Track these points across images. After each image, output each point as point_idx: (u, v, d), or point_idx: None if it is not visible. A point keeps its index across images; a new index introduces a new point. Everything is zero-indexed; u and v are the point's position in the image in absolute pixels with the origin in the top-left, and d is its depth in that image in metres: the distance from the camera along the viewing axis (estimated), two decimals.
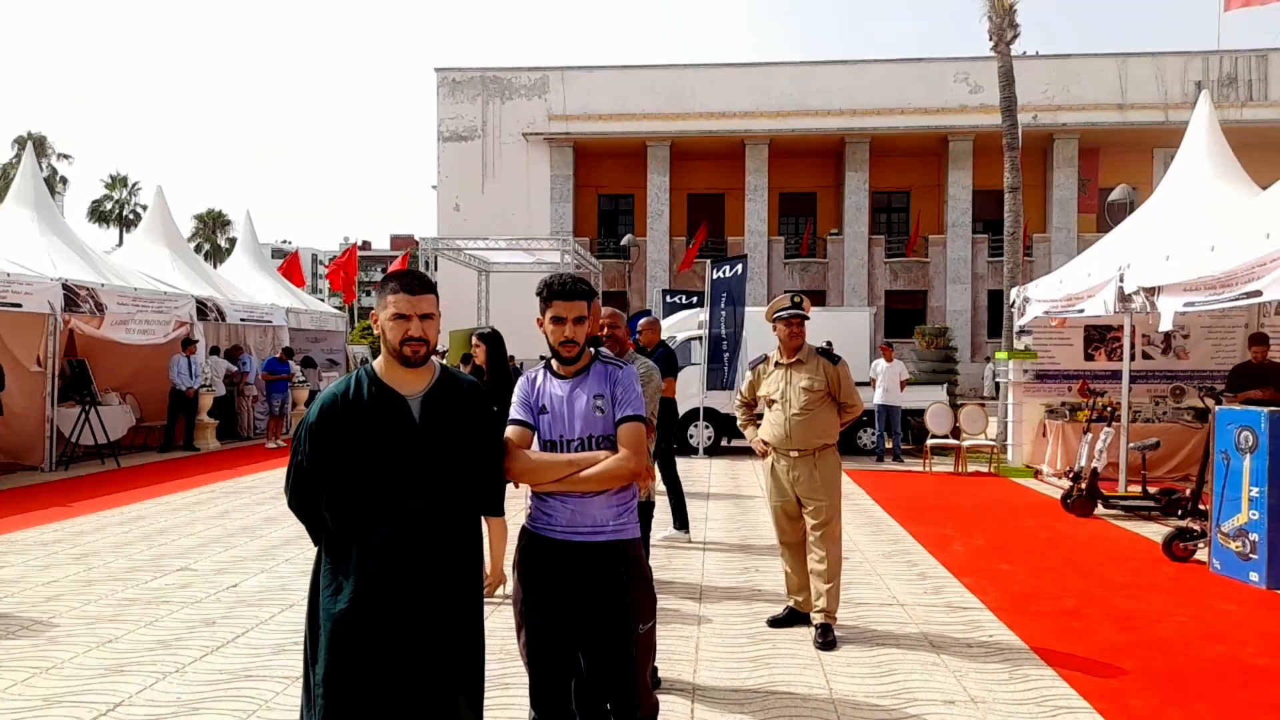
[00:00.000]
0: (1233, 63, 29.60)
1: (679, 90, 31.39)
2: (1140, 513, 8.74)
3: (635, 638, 2.84)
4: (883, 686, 4.24)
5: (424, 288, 2.54)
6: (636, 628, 2.86)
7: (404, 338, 2.49)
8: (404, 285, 2.52)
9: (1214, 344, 11.62)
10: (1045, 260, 29.10)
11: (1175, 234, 8.80)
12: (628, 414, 2.80)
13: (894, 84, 30.61)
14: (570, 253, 19.05)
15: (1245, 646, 4.87)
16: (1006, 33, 14.66)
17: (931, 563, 6.88)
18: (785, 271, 32.23)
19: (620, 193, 34.08)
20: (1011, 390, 12.30)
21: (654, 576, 3.51)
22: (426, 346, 2.51)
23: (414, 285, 2.53)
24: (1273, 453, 6.11)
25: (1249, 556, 6.20)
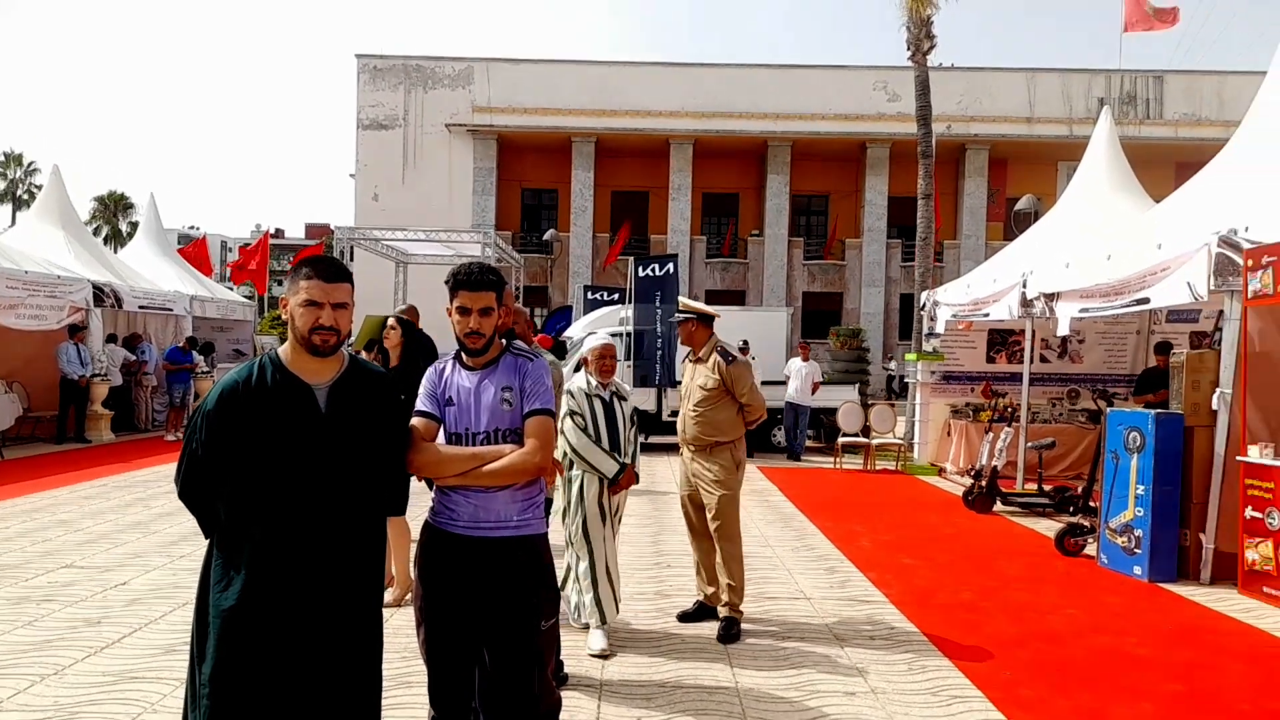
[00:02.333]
0: (1132, 82, 31.12)
1: (606, 86, 31.35)
2: (1036, 509, 9.11)
3: (537, 635, 2.80)
4: (787, 679, 4.30)
5: (340, 276, 2.46)
6: (539, 625, 2.82)
7: (314, 326, 2.40)
8: (319, 271, 2.43)
9: (1107, 349, 12.20)
10: (955, 266, 30.06)
11: (1075, 243, 9.20)
12: (536, 407, 2.75)
13: (816, 90, 31.20)
14: (491, 246, 18.80)
15: (1128, 637, 5.12)
16: (924, 44, 15.08)
17: (839, 557, 7.03)
18: (707, 271, 32.52)
19: (544, 187, 33.85)
20: (919, 391, 12.67)
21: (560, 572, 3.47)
22: (337, 336, 2.42)
23: (329, 272, 2.44)
24: (1158, 452, 6.44)
25: (1134, 551, 6.52)
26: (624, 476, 4.64)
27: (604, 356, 4.76)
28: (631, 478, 4.71)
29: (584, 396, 4.68)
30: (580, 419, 4.63)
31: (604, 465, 4.60)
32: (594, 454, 4.59)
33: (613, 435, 4.67)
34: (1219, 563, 6.32)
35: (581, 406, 4.66)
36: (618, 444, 4.68)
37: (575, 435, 4.61)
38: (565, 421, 4.61)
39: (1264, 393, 6.15)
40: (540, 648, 2.84)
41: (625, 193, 33.31)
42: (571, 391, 4.69)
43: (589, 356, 4.75)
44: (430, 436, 2.76)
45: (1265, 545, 5.85)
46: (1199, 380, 6.55)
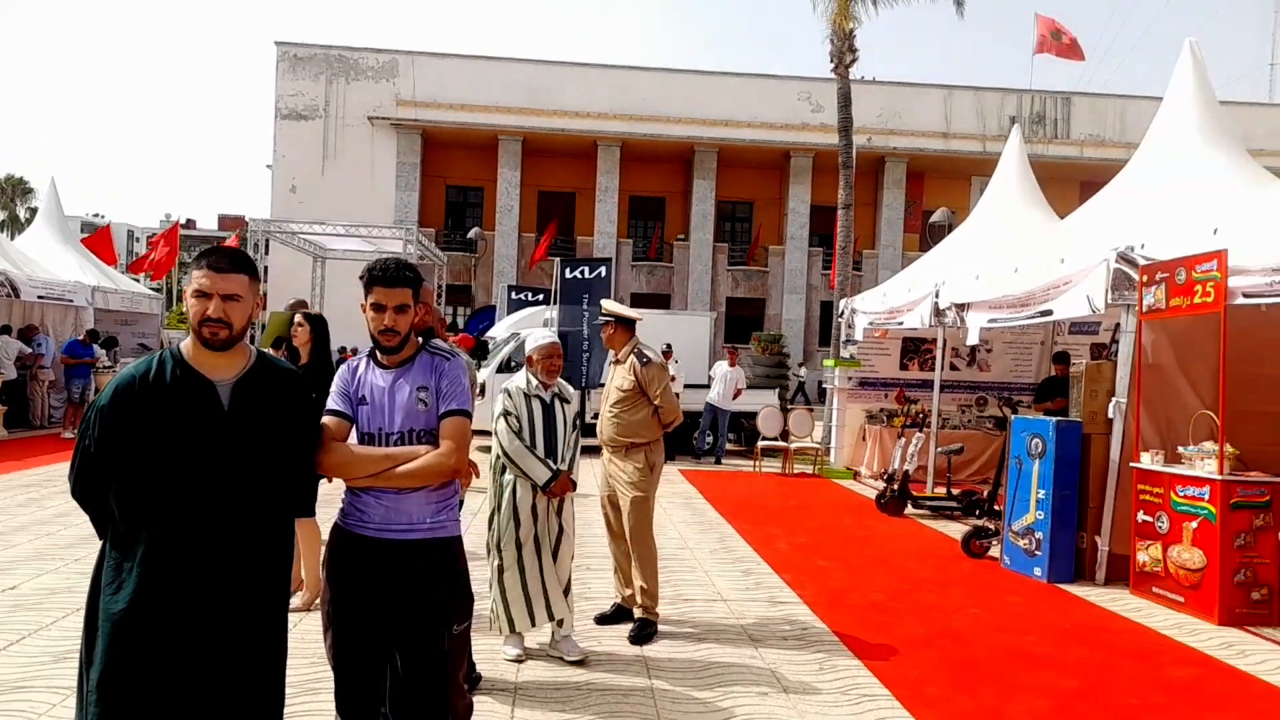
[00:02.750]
0: (1042, 102, 32.48)
1: (534, 85, 31.18)
2: (945, 512, 9.41)
3: (449, 639, 2.76)
4: (702, 679, 4.34)
5: (234, 266, 2.36)
6: (450, 629, 2.77)
7: (202, 317, 2.32)
8: (210, 261, 2.34)
9: (1013, 358, 12.69)
10: (874, 275, 30.86)
11: (984, 256, 9.55)
12: (452, 408, 2.71)
13: (743, 98, 31.65)
14: (413, 243, 18.49)
15: (1027, 636, 5.33)
16: (846, 57, 15.44)
17: (756, 559, 7.13)
18: (633, 274, 32.63)
19: (469, 185, 33.48)
20: (836, 396, 12.96)
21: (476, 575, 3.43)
22: (228, 330, 2.34)
23: (221, 262, 2.35)
24: (1058, 459, 6.72)
25: (1034, 553, 6.80)
26: (558, 483, 4.42)
27: (551, 356, 4.55)
28: (566, 484, 4.48)
29: (522, 397, 4.50)
30: (515, 420, 4.45)
31: (534, 470, 4.39)
32: (525, 458, 4.39)
33: (550, 439, 4.48)
34: (1113, 564, 6.63)
35: (518, 407, 4.48)
36: (554, 449, 4.48)
37: (507, 437, 4.42)
38: (499, 422, 4.46)
39: (1155, 402, 6.49)
40: (453, 652, 2.81)
41: (552, 193, 33.19)
42: (509, 391, 4.51)
43: (534, 355, 4.56)
44: (342, 436, 2.69)
45: (1155, 547, 6.16)
46: (1096, 390, 6.87)
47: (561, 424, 4.55)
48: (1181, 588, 5.93)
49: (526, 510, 4.47)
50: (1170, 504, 6.04)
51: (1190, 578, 5.86)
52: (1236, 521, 5.72)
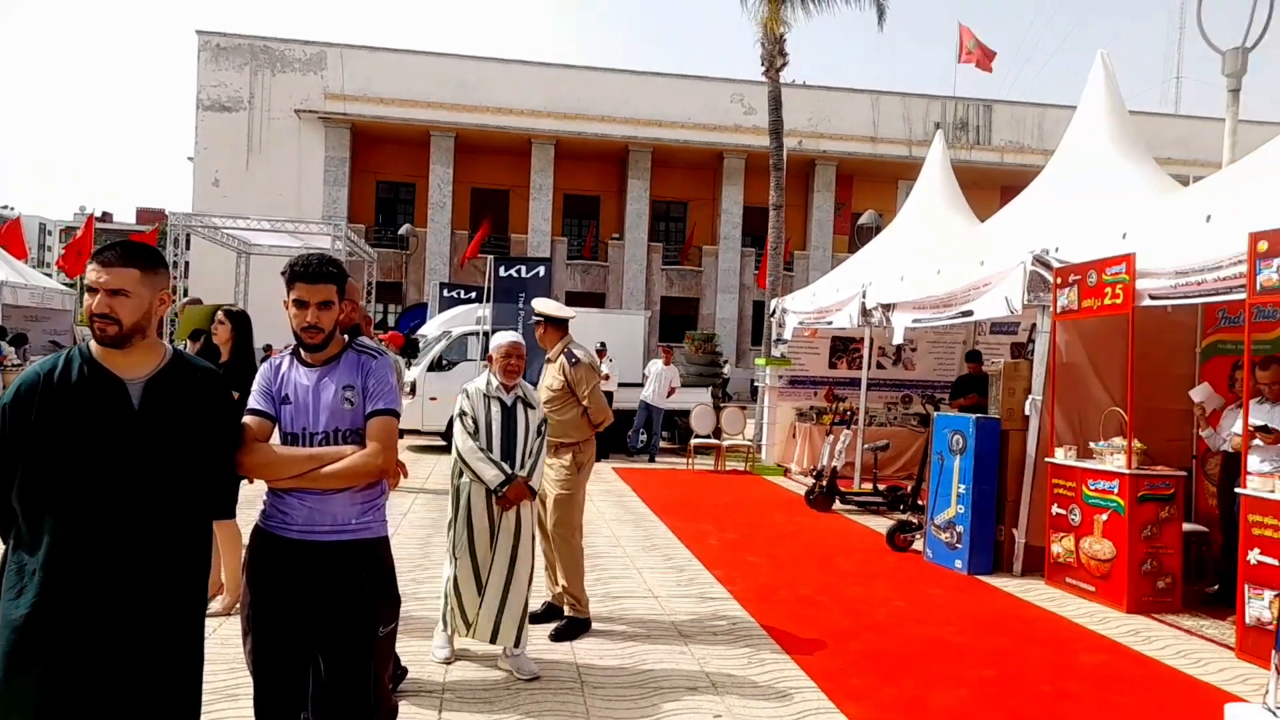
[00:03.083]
0: (965, 109, 33.46)
1: (467, 81, 30.85)
2: (871, 508, 9.63)
3: (374, 641, 2.72)
4: (631, 676, 4.37)
5: (123, 260, 2.26)
6: (376, 631, 2.72)
7: (91, 313, 2.25)
8: (100, 255, 2.27)
9: (936, 357, 13.05)
10: (805, 275, 31.38)
11: (909, 258, 9.79)
12: (379, 407, 2.67)
13: (677, 98, 31.84)
14: (342, 239, 18.11)
15: (948, 627, 5.49)
16: (777, 60, 15.66)
17: (688, 556, 7.19)
18: (568, 272, 32.54)
19: (401, 181, 32.96)
20: (767, 394, 13.15)
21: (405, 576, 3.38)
22: (116, 326, 2.24)
23: (109, 256, 2.27)
24: (978, 454, 6.94)
25: (955, 546, 7.00)
26: (511, 489, 4.21)
27: (510, 355, 4.39)
28: (522, 492, 4.26)
29: (480, 397, 4.36)
30: (471, 421, 4.31)
31: (485, 474, 4.22)
32: (476, 461, 4.23)
33: (507, 443, 4.31)
34: (1029, 556, 6.88)
35: (475, 408, 4.33)
36: (512, 454, 4.30)
37: (461, 438, 4.28)
38: (455, 423, 4.36)
39: (1069, 399, 6.75)
40: (378, 655, 2.77)
41: (485, 190, 32.89)
42: (468, 391, 4.40)
43: (493, 354, 4.43)
44: (263, 436, 2.63)
45: (1068, 539, 6.41)
46: (1014, 388, 7.11)
47: (523, 429, 4.38)
48: (1093, 578, 6.18)
49: (481, 515, 4.31)
50: (1082, 497, 6.29)
51: (1101, 568, 6.12)
52: (1143, 514, 5.99)
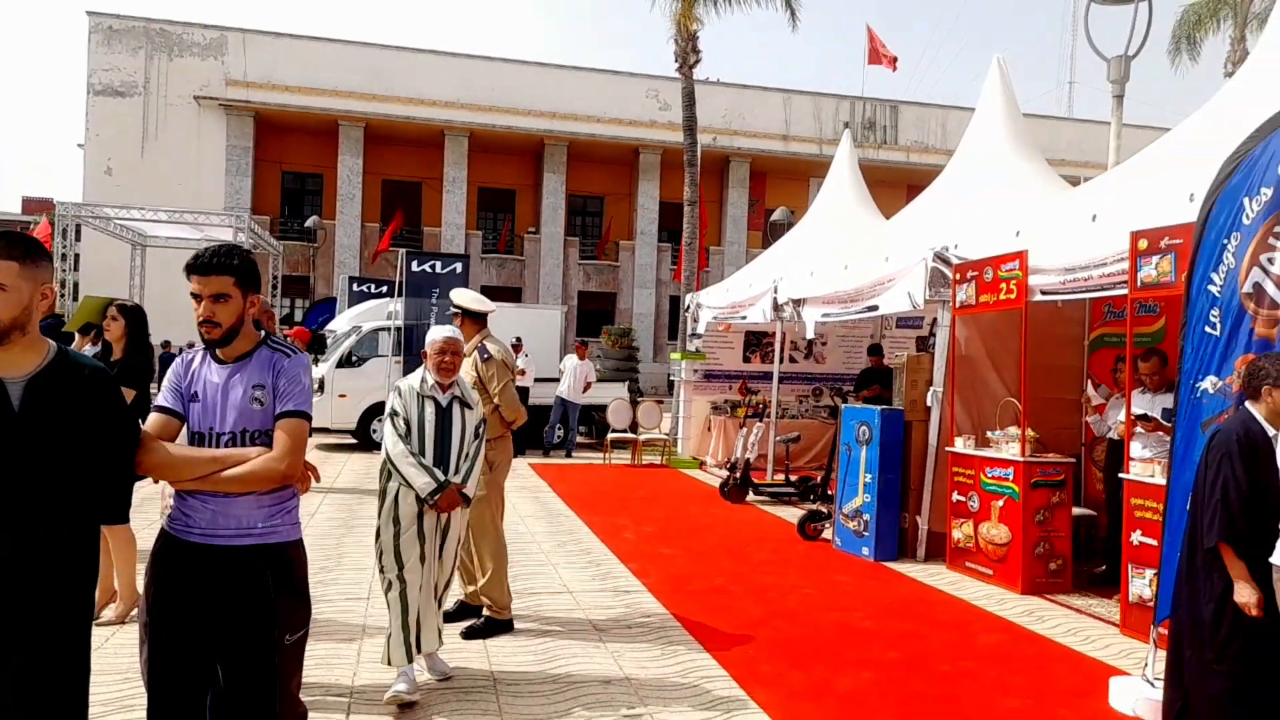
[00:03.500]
0: (873, 109, 34.39)
1: (378, 70, 30.14)
2: (783, 498, 9.83)
3: (280, 649, 2.61)
4: (545, 672, 4.36)
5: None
6: (281, 639, 2.61)
7: None
8: None
9: (846, 351, 13.40)
10: (720, 271, 31.77)
11: (819, 254, 10.03)
12: (288, 408, 2.57)
13: (593, 92, 31.80)
14: (245, 230, 17.47)
15: (855, 612, 5.65)
16: (690, 57, 15.80)
17: (603, 550, 7.21)
18: (483, 266, 32.15)
19: (308, 171, 32.00)
20: (682, 388, 13.28)
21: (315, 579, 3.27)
22: None
23: None
24: (883, 444, 7.17)
25: (862, 534, 7.22)
26: (444, 497, 3.96)
27: (444, 352, 4.11)
28: (455, 499, 4.02)
29: (413, 397, 4.09)
30: (402, 422, 4.05)
31: (415, 479, 3.96)
32: (406, 465, 3.97)
33: (442, 446, 4.06)
34: (932, 542, 7.14)
35: (407, 408, 4.07)
36: (446, 457, 4.06)
37: (391, 440, 4.02)
38: (385, 423, 4.11)
39: (967, 391, 7.03)
40: (285, 662, 2.67)
41: (397, 182, 32.22)
42: (400, 389, 4.14)
43: (427, 351, 4.16)
44: (170, 435, 2.54)
45: (967, 525, 6.68)
46: (917, 380, 7.36)
47: (458, 430, 4.13)
48: (990, 561, 6.46)
49: (409, 522, 4.03)
50: (980, 484, 6.56)
51: (998, 551, 6.40)
52: (1036, 499, 6.28)
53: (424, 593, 4.06)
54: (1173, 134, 6.14)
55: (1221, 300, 4.12)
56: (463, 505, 4.10)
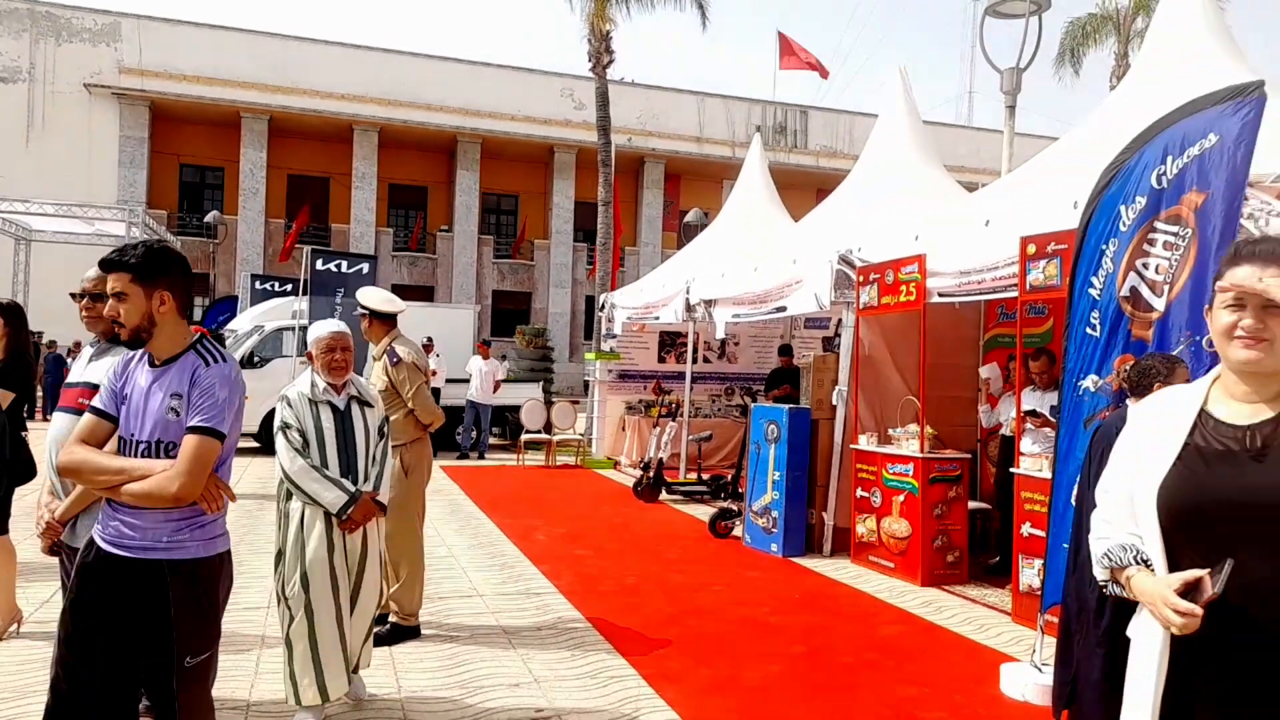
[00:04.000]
0: (784, 114, 35.05)
1: (282, 61, 29.20)
2: (696, 497, 9.95)
3: (180, 672, 2.46)
4: (452, 677, 4.31)
5: None
6: (183, 661, 2.47)
7: None
8: None
9: (757, 351, 13.63)
10: (635, 271, 31.89)
11: (730, 255, 10.18)
12: (194, 424, 2.43)
13: (506, 90, 31.50)
14: (139, 225, 16.68)
15: (763, 608, 5.76)
16: (604, 58, 15.82)
17: (515, 553, 7.16)
18: (394, 265, 31.50)
19: (208, 165, 30.77)
20: (597, 389, 13.29)
21: None
22: None
23: None
24: (790, 442, 7.32)
25: (771, 530, 7.36)
26: (357, 509, 3.62)
27: (333, 349, 3.75)
28: (370, 510, 3.69)
29: (305, 404, 3.71)
30: (296, 434, 3.66)
31: (323, 495, 3.58)
32: (309, 480, 3.58)
33: (347, 454, 3.70)
34: (838, 537, 7.33)
35: (300, 417, 3.68)
36: (353, 465, 3.70)
37: (288, 456, 3.63)
38: (278, 438, 3.70)
39: (871, 389, 7.24)
40: (187, 685, 2.52)
41: (303, 177, 31.27)
42: (289, 399, 3.73)
43: (312, 350, 3.79)
44: (99, 438, 2.47)
45: (871, 520, 6.88)
46: (823, 379, 7.55)
47: (362, 433, 3.78)
48: (892, 555, 6.67)
49: (318, 545, 3.63)
50: (882, 480, 6.77)
51: (899, 545, 6.61)
52: (935, 494, 6.52)
53: (343, 621, 3.68)
54: (1060, 144, 6.46)
55: (1101, 303, 4.35)
56: (379, 514, 3.79)
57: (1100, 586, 1.91)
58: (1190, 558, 1.69)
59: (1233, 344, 1.70)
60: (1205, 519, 1.70)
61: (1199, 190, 4.02)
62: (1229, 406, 1.76)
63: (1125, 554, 1.78)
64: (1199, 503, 1.70)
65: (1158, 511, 1.74)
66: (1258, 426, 1.70)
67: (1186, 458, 1.74)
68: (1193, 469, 1.73)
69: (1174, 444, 1.76)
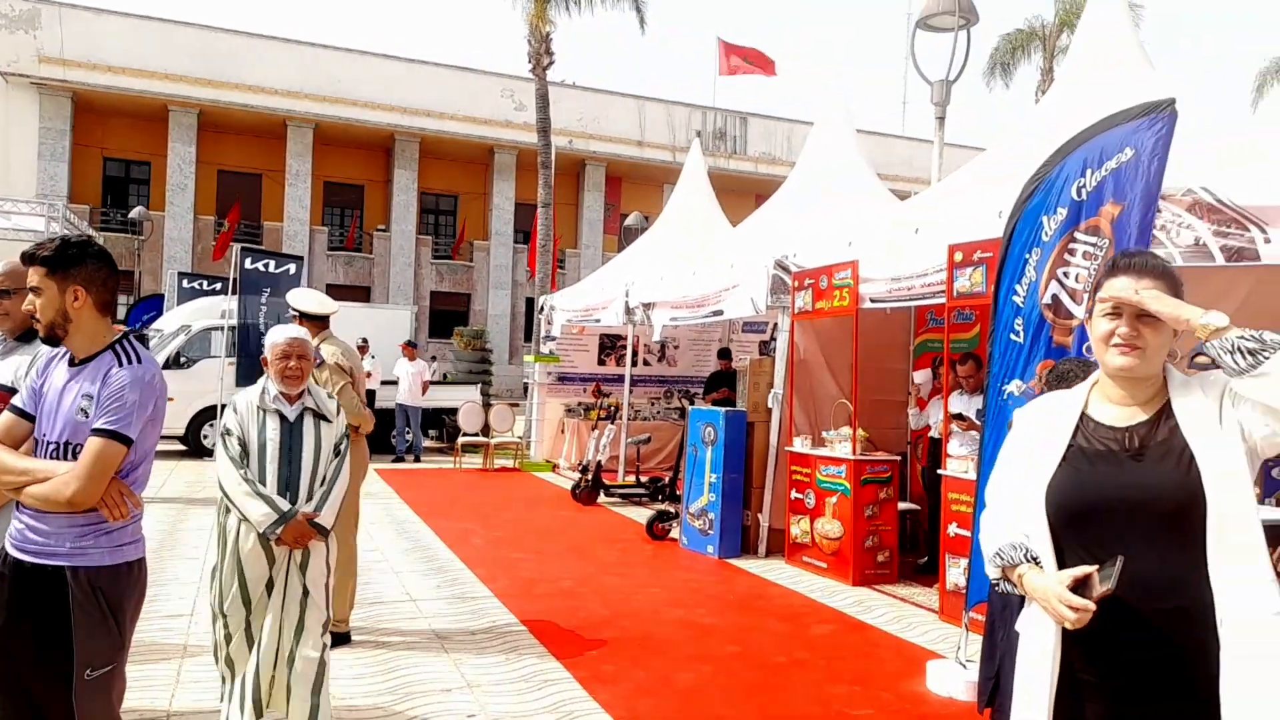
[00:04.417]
0: (724, 120, 35.36)
1: (213, 54, 28.36)
2: (634, 499, 9.96)
3: (78, 684, 2.35)
4: (383, 684, 4.25)
5: None
6: (83, 673, 2.35)
7: None
8: None
9: (696, 354, 13.72)
10: (577, 273, 31.82)
11: (669, 259, 10.24)
12: (97, 425, 2.34)
13: (445, 89, 31.12)
14: (59, 220, 16.06)
15: (698, 609, 5.80)
16: (544, 59, 15.78)
17: (450, 557, 7.08)
18: (329, 264, 30.88)
19: (134, 159, 29.73)
20: (536, 391, 13.23)
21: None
22: None
23: None
24: (727, 445, 7.39)
25: (708, 532, 7.42)
26: (288, 530, 3.27)
27: (288, 356, 3.45)
28: (305, 532, 3.31)
29: (252, 411, 3.44)
30: (237, 443, 3.40)
31: (252, 511, 3.27)
32: (241, 495, 3.30)
33: (289, 469, 3.40)
34: (773, 538, 7.43)
35: (244, 425, 3.42)
36: (295, 483, 3.39)
37: (224, 467, 3.38)
38: (218, 444, 3.50)
39: (805, 393, 7.35)
40: (86, 698, 2.42)
41: (235, 173, 30.43)
42: (235, 405, 3.49)
43: (268, 355, 3.52)
44: (17, 437, 2.40)
45: (804, 521, 6.99)
46: (759, 382, 7.63)
47: (311, 450, 3.45)
48: (825, 555, 6.78)
49: (254, 563, 3.34)
50: (816, 482, 6.87)
51: (831, 546, 6.72)
52: (866, 495, 6.65)
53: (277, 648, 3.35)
54: (987, 154, 6.66)
55: (1024, 310, 4.49)
56: (318, 538, 3.39)
57: (993, 584, 1.99)
58: (1078, 554, 1.77)
59: (1109, 351, 1.81)
60: (1091, 516, 1.79)
61: (1115, 202, 4.18)
62: (1107, 409, 1.87)
63: (1016, 552, 1.86)
64: (1084, 500, 1.79)
65: (1046, 510, 1.82)
66: (1134, 428, 1.81)
67: (1071, 458, 1.84)
68: (1077, 469, 1.82)
69: (1059, 446, 1.85)
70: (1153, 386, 1.83)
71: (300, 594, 3.39)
